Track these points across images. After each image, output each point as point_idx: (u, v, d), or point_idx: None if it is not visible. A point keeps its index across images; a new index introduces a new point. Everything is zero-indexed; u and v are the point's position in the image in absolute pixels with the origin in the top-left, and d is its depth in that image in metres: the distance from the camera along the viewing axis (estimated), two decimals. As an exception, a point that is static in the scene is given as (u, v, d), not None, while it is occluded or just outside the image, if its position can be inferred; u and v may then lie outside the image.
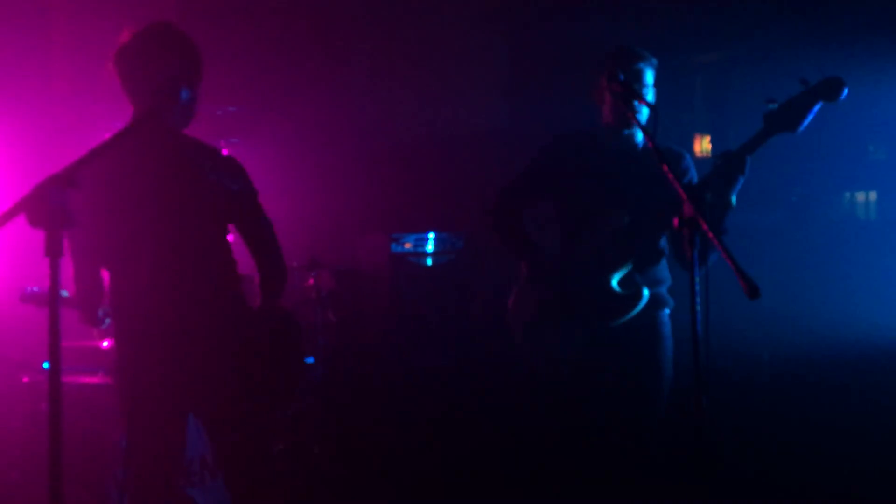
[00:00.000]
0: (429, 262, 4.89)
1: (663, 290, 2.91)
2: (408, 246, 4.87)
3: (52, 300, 1.60)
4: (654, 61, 2.85)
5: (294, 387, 2.80)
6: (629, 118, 2.65)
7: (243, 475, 2.54)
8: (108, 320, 2.72)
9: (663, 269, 2.92)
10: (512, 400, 3.85)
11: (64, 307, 3.17)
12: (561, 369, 2.88)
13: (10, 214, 1.57)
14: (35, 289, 3.20)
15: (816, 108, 2.76)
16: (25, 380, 3.75)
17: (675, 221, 2.00)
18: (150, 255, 2.42)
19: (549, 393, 2.96)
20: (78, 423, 3.54)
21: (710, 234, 1.93)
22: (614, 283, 2.77)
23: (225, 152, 2.57)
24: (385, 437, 4.37)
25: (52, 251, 1.61)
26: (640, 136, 2.85)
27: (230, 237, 2.61)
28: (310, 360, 2.80)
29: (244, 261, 2.64)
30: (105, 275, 2.53)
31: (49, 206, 1.59)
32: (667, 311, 2.91)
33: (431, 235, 4.91)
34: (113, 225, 2.43)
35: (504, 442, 3.95)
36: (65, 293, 3.19)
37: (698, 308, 1.99)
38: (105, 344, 3.97)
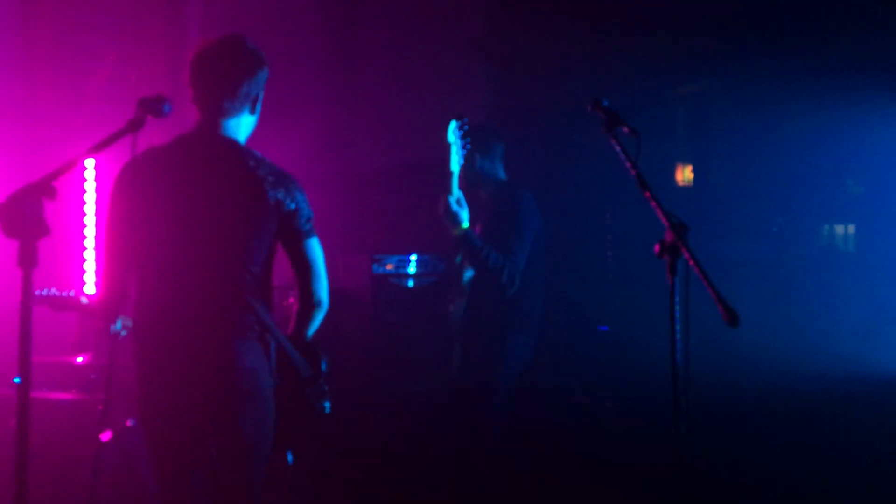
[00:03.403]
0: (410, 283, 4.87)
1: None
2: (389, 267, 4.85)
3: (23, 312, 1.56)
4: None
5: (297, 429, 2.59)
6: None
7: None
8: (123, 332, 2.67)
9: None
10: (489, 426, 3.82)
11: (83, 314, 3.14)
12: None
13: (-15, 223, 1.54)
14: (46, 292, 3.16)
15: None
16: (-4, 394, 3.68)
17: (657, 248, 2.01)
18: (184, 265, 2.36)
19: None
20: (49, 439, 3.48)
21: (692, 261, 1.93)
22: None
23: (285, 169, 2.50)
24: (362, 455, 4.33)
25: (26, 262, 1.58)
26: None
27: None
28: (289, 456, 2.64)
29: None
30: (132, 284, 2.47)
31: (24, 216, 1.56)
32: None
33: (414, 257, 4.90)
34: (153, 231, 2.37)
35: (480, 467, 3.91)
36: (84, 300, 3.14)
37: (678, 336, 1.99)
38: (80, 360, 3.92)
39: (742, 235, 4.66)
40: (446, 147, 3.43)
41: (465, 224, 3.45)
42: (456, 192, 3.42)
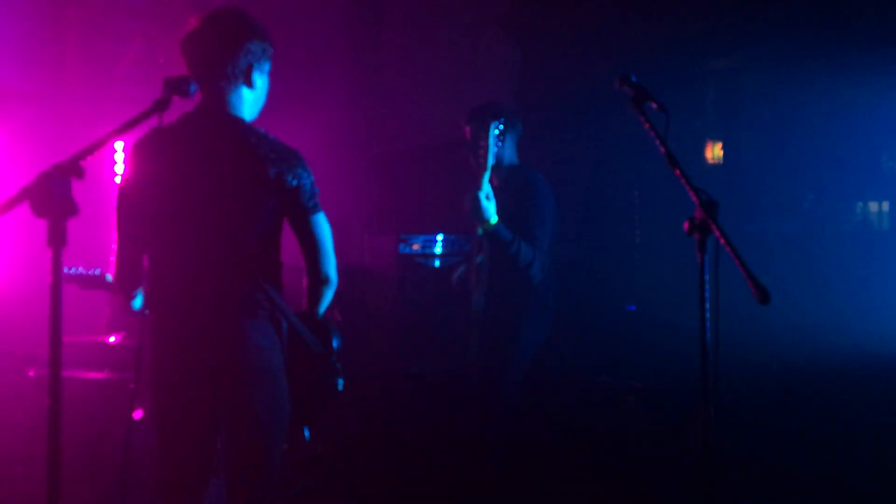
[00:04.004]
0: (437, 263, 4.87)
1: None
2: (416, 247, 4.85)
3: (53, 292, 1.58)
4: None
5: (314, 405, 2.59)
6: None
7: (249, 483, 2.42)
8: (146, 310, 2.69)
9: None
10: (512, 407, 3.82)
11: (108, 291, 3.17)
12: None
13: (14, 202, 1.55)
14: (76, 270, 3.18)
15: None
16: (31, 374, 3.75)
17: (686, 225, 1.98)
18: (188, 243, 2.35)
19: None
20: (82, 418, 3.53)
21: (722, 240, 1.90)
22: None
23: (291, 145, 2.47)
24: (382, 438, 4.35)
25: (56, 241, 1.59)
26: None
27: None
28: (306, 432, 2.65)
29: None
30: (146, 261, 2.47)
31: (53, 195, 1.57)
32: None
33: (440, 237, 4.90)
34: (159, 209, 2.37)
35: (500, 450, 3.91)
36: (109, 277, 3.17)
37: (707, 316, 1.96)
38: (112, 339, 3.97)
39: (773, 213, 4.59)
40: (480, 136, 3.40)
41: (495, 219, 3.39)
42: (486, 188, 3.37)
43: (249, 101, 2.48)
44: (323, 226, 2.46)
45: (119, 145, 5.03)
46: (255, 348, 2.34)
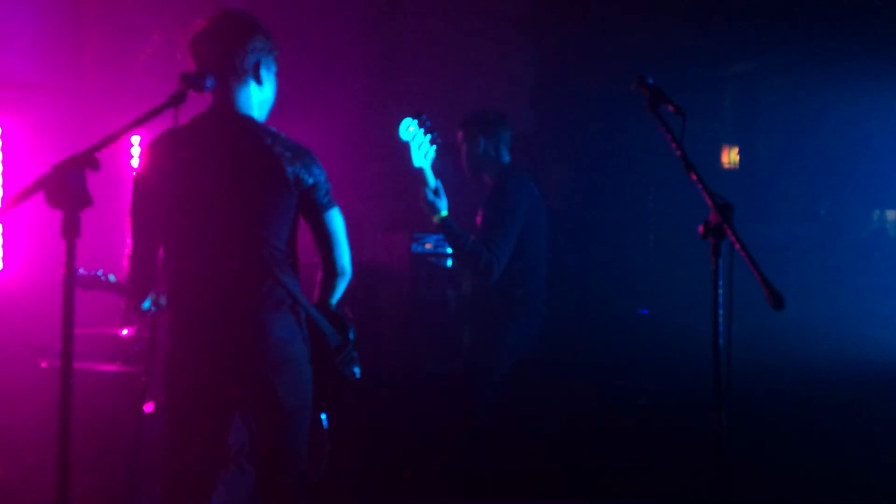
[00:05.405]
0: (448, 263, 4.87)
1: None
2: (428, 246, 4.85)
3: (66, 283, 1.58)
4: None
5: (329, 395, 2.64)
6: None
7: (279, 472, 2.47)
8: (153, 308, 2.71)
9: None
10: (520, 407, 3.81)
11: (111, 292, 3.19)
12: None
13: (29, 193, 1.56)
14: (79, 271, 3.18)
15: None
16: (44, 364, 3.76)
17: (701, 229, 1.96)
18: (208, 241, 2.39)
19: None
20: (93, 410, 3.55)
21: (737, 244, 1.88)
22: None
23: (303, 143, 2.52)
24: (391, 436, 4.35)
25: (70, 232, 1.60)
26: None
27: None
28: (323, 419, 2.70)
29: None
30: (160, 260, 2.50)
31: (68, 186, 1.57)
32: None
33: (453, 237, 4.89)
34: (177, 208, 2.40)
35: (509, 448, 3.90)
36: (112, 277, 3.18)
37: (721, 320, 1.94)
38: (125, 332, 3.98)
39: (789, 219, 4.56)
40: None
41: (444, 212, 3.44)
42: (433, 183, 3.43)
43: (259, 101, 2.51)
44: (337, 220, 2.53)
45: (135, 139, 5.06)
46: (278, 341, 2.40)
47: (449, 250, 4.88)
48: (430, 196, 3.43)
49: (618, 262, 5.16)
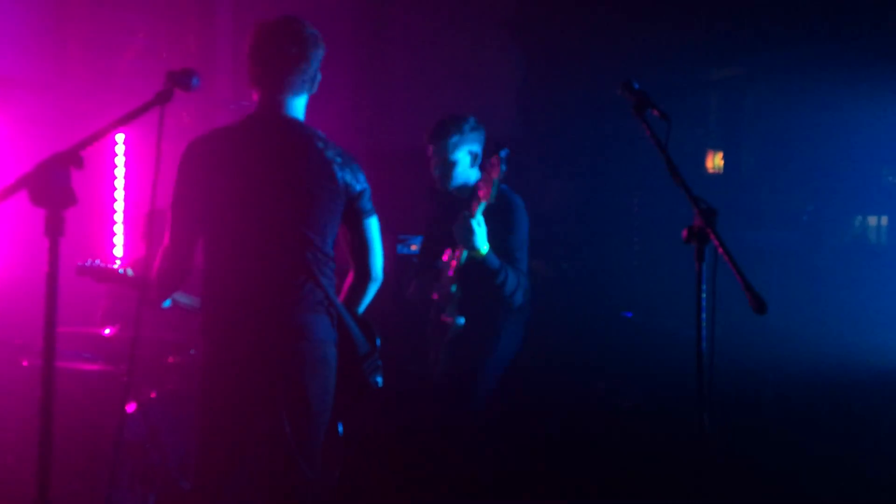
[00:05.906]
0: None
1: None
2: (413, 248, 4.85)
3: (49, 282, 1.57)
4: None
5: (350, 402, 2.65)
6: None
7: (295, 472, 2.47)
8: (168, 301, 2.71)
9: None
10: (504, 410, 3.82)
11: (127, 286, 3.16)
12: None
13: (12, 190, 1.54)
14: (92, 262, 3.15)
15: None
16: (25, 363, 3.73)
17: (685, 233, 1.97)
18: (251, 240, 2.40)
19: None
20: (74, 409, 3.53)
21: (721, 249, 1.90)
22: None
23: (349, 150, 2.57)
24: (380, 438, 4.34)
25: (53, 231, 1.58)
26: None
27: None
28: (340, 427, 2.72)
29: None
30: (198, 259, 2.50)
31: (52, 184, 1.56)
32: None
33: (438, 239, 4.89)
34: (224, 204, 2.40)
35: (496, 450, 3.91)
36: (130, 272, 3.16)
37: (704, 324, 1.96)
38: (107, 332, 3.96)
39: (772, 224, 4.60)
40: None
41: (486, 248, 3.33)
42: (479, 217, 3.31)
43: (304, 106, 2.54)
44: (376, 227, 2.61)
45: (120, 138, 5.03)
46: (317, 341, 2.44)
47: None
48: (477, 229, 3.28)
49: (603, 265, 5.18)
